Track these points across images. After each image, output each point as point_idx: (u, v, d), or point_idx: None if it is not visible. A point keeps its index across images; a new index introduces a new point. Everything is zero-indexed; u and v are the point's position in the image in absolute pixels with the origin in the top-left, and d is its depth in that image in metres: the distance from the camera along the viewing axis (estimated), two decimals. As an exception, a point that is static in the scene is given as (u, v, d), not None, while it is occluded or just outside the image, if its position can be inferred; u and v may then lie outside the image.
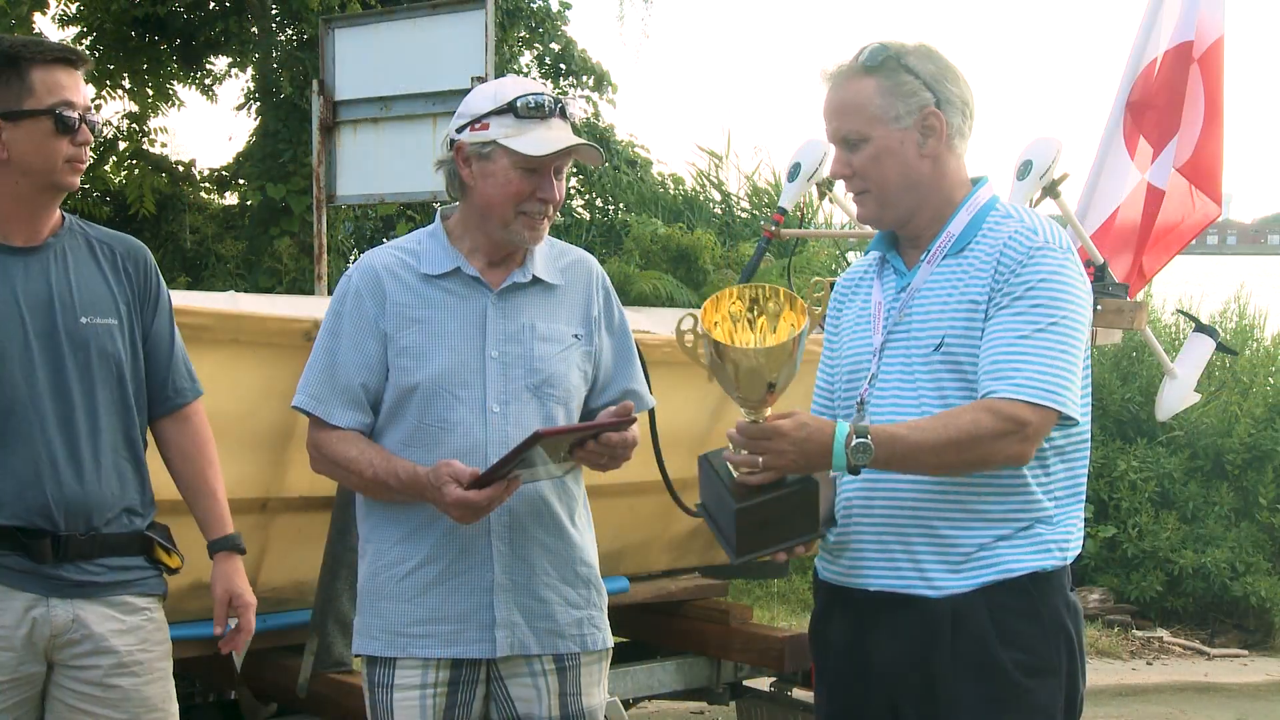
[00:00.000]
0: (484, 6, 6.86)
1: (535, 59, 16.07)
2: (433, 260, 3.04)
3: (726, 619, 5.29)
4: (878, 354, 2.84)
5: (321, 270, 7.91)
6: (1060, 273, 2.72)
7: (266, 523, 4.04)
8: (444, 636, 2.99)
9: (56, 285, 2.98)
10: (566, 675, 3.06)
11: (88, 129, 3.00)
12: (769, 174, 15.41)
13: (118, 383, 3.03)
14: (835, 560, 2.89)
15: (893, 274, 2.90)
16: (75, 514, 2.95)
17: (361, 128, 7.54)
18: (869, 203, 2.86)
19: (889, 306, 2.86)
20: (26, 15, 13.45)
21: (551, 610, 3.03)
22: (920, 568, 2.75)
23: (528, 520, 3.00)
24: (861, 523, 2.83)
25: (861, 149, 2.80)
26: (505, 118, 2.95)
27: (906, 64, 2.79)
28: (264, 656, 4.20)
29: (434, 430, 2.96)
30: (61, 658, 2.98)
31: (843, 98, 2.82)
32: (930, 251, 2.83)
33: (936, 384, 2.75)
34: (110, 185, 14.89)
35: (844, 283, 3.06)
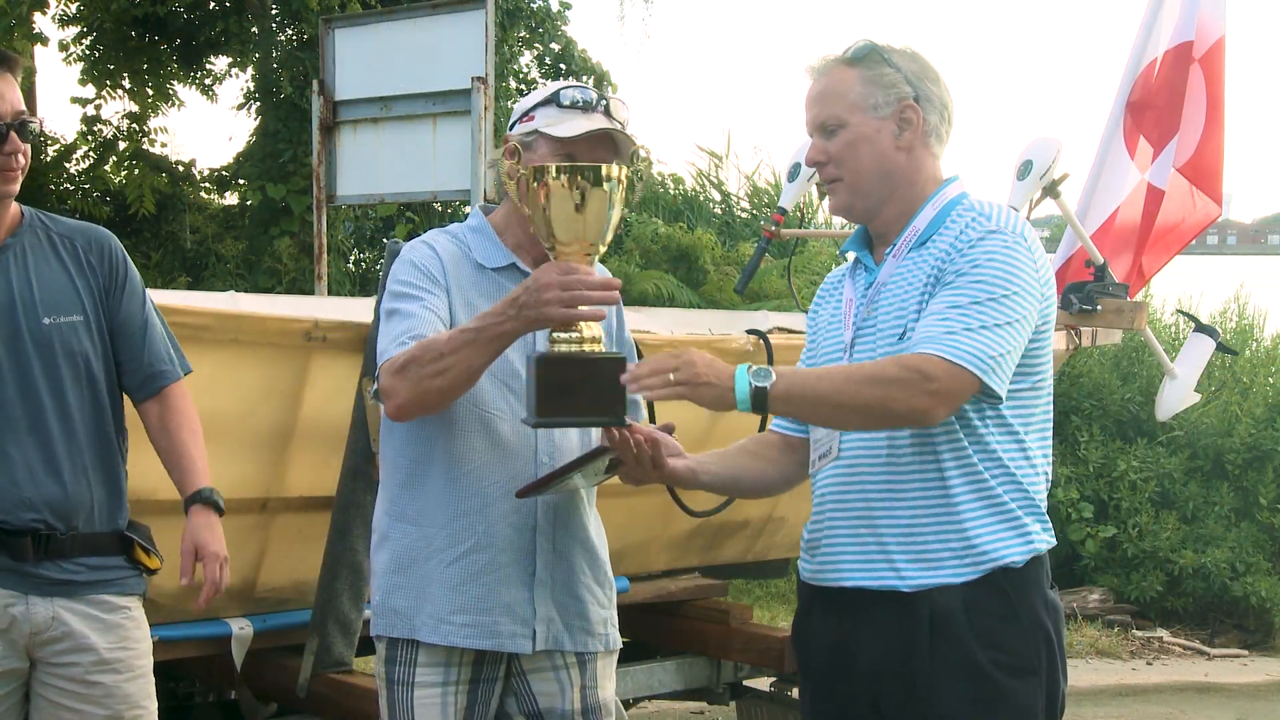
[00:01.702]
0: (484, 6, 6.86)
1: (535, 59, 16.06)
2: (486, 253, 3.06)
3: (726, 619, 5.29)
4: (848, 350, 2.87)
5: (321, 270, 7.90)
6: (1005, 253, 2.73)
7: (266, 523, 4.04)
8: (484, 627, 2.98)
9: (18, 286, 2.97)
10: (586, 668, 3.10)
11: (16, 136, 2.95)
12: (769, 174, 15.43)
13: (88, 381, 3.02)
14: (812, 558, 2.91)
15: (863, 271, 2.93)
16: (55, 513, 2.97)
17: (361, 128, 7.54)
18: (840, 192, 2.88)
19: (859, 303, 2.89)
20: (26, 15, 13.44)
21: (586, 609, 3.07)
22: (892, 562, 2.76)
23: (570, 519, 3.04)
24: (836, 518, 2.84)
25: (838, 135, 2.84)
26: (549, 108, 3.01)
27: (889, 58, 2.85)
28: (264, 656, 4.21)
29: (489, 417, 2.97)
30: (43, 655, 3.00)
31: (824, 86, 2.87)
32: (895, 246, 2.85)
33: None
34: (110, 185, 14.89)
35: (823, 288, 3.10)
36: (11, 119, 2.94)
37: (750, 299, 11.21)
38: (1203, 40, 5.83)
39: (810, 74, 2.91)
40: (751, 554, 5.54)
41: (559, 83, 3.09)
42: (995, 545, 2.76)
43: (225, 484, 3.83)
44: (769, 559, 5.77)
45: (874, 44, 2.87)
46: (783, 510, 5.38)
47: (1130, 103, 5.98)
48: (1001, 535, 2.77)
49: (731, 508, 4.81)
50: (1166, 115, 5.86)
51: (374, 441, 3.76)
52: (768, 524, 5.40)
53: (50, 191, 14.22)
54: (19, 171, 2.98)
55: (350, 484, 3.95)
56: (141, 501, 3.40)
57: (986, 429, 2.76)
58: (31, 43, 14.07)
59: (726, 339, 4.90)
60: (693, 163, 16.66)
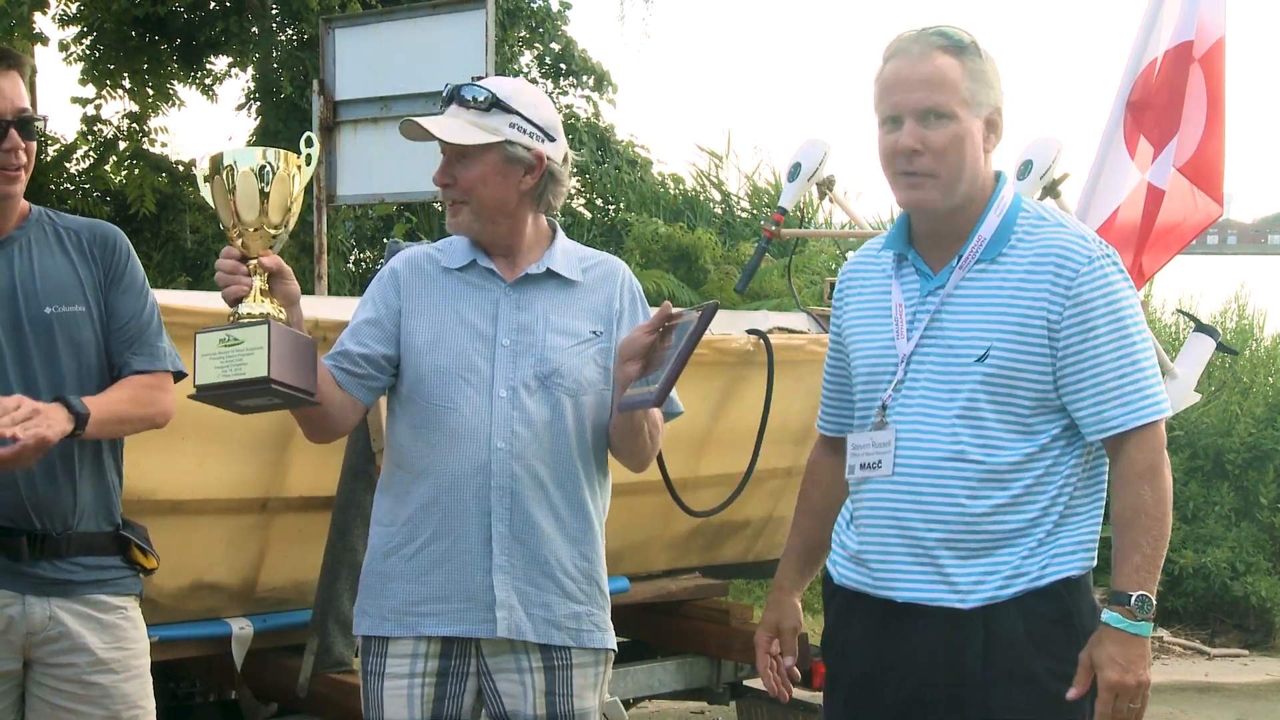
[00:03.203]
0: (484, 6, 6.86)
1: (535, 59, 16.06)
2: (453, 256, 3.13)
3: (727, 619, 5.29)
4: (905, 360, 2.78)
5: (321, 270, 7.90)
6: (1115, 282, 2.74)
7: (266, 523, 4.05)
8: (447, 615, 3.01)
9: (20, 276, 2.99)
10: (555, 674, 3.06)
11: (17, 134, 2.95)
12: (769, 174, 15.43)
13: (87, 372, 3.02)
14: (858, 567, 2.87)
15: (914, 275, 2.83)
16: (50, 512, 2.96)
17: (361, 128, 7.54)
18: (929, 187, 2.72)
19: (915, 310, 2.80)
20: (27, 15, 13.44)
21: (549, 599, 3.05)
22: (949, 578, 2.73)
23: (530, 506, 3.02)
24: (889, 531, 2.79)
25: (944, 127, 2.69)
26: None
27: (983, 53, 2.75)
28: (264, 656, 4.21)
29: (440, 410, 3.01)
30: (39, 655, 2.99)
31: (933, 70, 2.70)
32: (962, 256, 2.77)
33: (972, 396, 2.71)
34: (110, 185, 14.88)
35: (847, 279, 2.99)
36: (12, 116, 2.93)
37: (750, 299, 11.21)
38: (1203, 40, 5.82)
39: (901, 52, 2.74)
40: (752, 554, 5.54)
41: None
42: (1061, 558, 2.75)
43: (225, 484, 3.85)
44: (769, 559, 5.76)
45: (966, 33, 2.74)
46: (783, 510, 5.38)
47: (1130, 102, 5.97)
48: (1068, 548, 2.75)
49: (731, 508, 4.81)
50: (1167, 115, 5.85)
51: (374, 441, 3.77)
52: (768, 524, 5.40)
53: (50, 191, 14.21)
54: (21, 170, 2.98)
55: (350, 484, 3.95)
56: (142, 501, 3.40)
57: (1074, 446, 2.76)
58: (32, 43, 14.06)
59: (726, 339, 4.90)
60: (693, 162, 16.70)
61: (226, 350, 2.70)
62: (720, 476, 4.85)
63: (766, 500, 5.26)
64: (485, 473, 2.99)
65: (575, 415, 3.07)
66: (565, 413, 3.05)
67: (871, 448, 2.81)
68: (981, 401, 2.70)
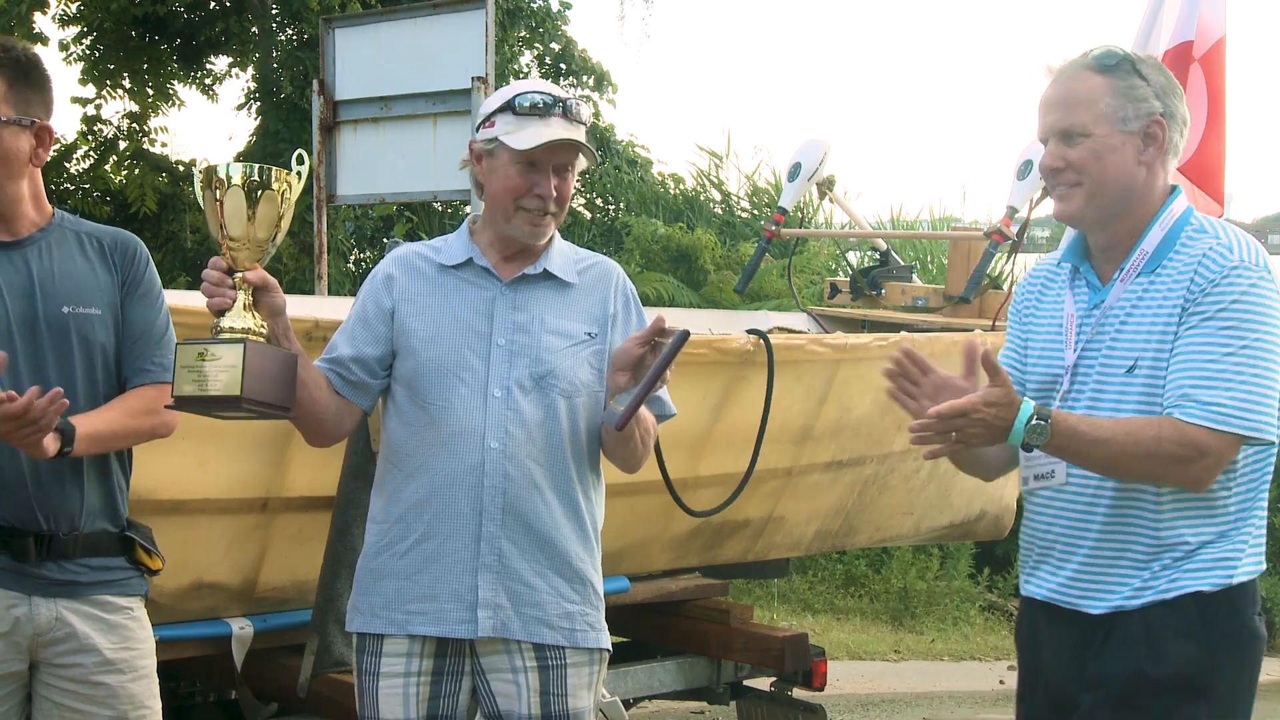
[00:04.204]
0: (484, 6, 6.86)
1: (535, 59, 16.06)
2: (450, 253, 3.14)
3: (727, 619, 5.29)
4: (1070, 371, 2.86)
5: (321, 270, 7.90)
6: (1254, 292, 2.71)
7: (267, 523, 4.04)
8: (434, 614, 3.02)
9: (38, 275, 3.00)
10: (550, 674, 3.06)
11: None
12: (769, 174, 15.44)
13: (99, 374, 3.03)
14: (1033, 575, 2.95)
15: (1085, 287, 2.91)
16: (56, 513, 2.97)
17: (362, 127, 7.54)
18: (1076, 197, 2.83)
19: (1081, 322, 2.87)
20: (26, 14, 13.44)
21: (540, 598, 3.04)
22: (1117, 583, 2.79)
23: (522, 505, 3.02)
24: (1058, 538, 2.88)
25: (1081, 144, 2.79)
26: (506, 115, 3.04)
27: (1140, 69, 2.81)
28: (264, 656, 4.21)
29: (435, 409, 3.02)
30: (46, 656, 3.00)
31: (1070, 91, 2.82)
32: (1124, 269, 2.83)
33: (1122, 407, 2.76)
34: (110, 185, 14.88)
35: (1030, 285, 3.07)
36: None
37: (750, 299, 11.22)
38: (1203, 40, 5.83)
39: (1052, 76, 2.87)
40: (752, 554, 5.54)
41: (520, 84, 3.11)
42: (1198, 573, 2.76)
43: (225, 484, 3.84)
44: (769, 559, 5.77)
45: (1125, 52, 2.83)
46: (782, 510, 5.38)
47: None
48: (1228, 557, 2.77)
49: (731, 508, 4.81)
50: (1167, 115, 5.85)
51: (374, 441, 3.77)
52: (768, 524, 5.40)
53: (50, 191, 14.21)
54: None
55: (351, 483, 3.95)
56: (142, 501, 3.40)
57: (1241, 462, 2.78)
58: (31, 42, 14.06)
59: (726, 339, 4.90)
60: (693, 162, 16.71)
61: (204, 364, 2.75)
62: (720, 476, 4.85)
63: (766, 500, 5.26)
64: (478, 472, 3.00)
65: (569, 416, 3.07)
66: (559, 414, 3.05)
67: (1044, 458, 2.86)
68: (1141, 413, 2.75)
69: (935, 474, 5.92)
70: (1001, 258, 6.52)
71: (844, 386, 5.17)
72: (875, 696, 7.92)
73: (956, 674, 8.61)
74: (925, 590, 9.80)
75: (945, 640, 9.26)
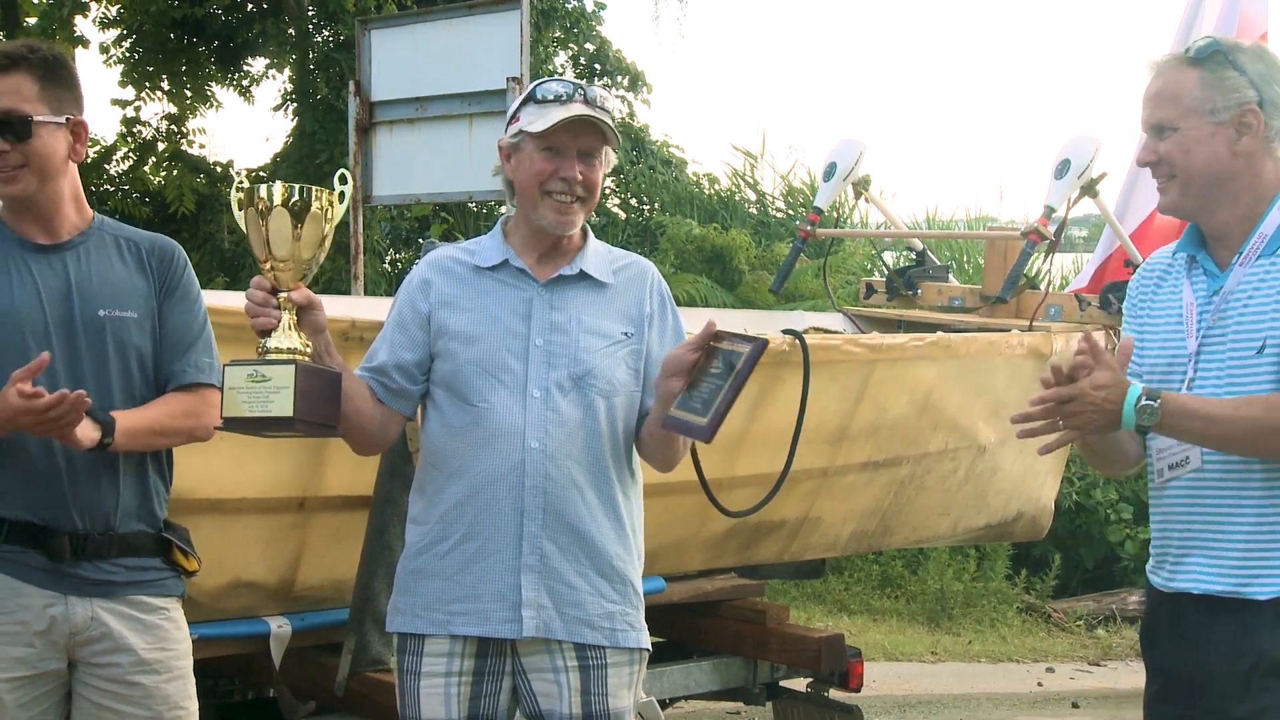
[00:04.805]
0: (519, 7, 6.87)
1: (570, 59, 16.09)
2: (486, 255, 3.14)
3: (763, 619, 5.28)
4: (1193, 359, 2.86)
5: (357, 270, 7.93)
6: None
7: (304, 522, 4.06)
8: (476, 614, 3.02)
9: (76, 279, 3.03)
10: (590, 674, 3.06)
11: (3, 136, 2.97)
12: (804, 174, 15.40)
13: (135, 378, 3.05)
14: (1160, 567, 2.94)
15: (1203, 275, 2.92)
16: (92, 512, 2.99)
17: (397, 128, 7.56)
18: (1172, 190, 2.89)
19: (1201, 309, 2.87)
20: (67, 18, 13.56)
21: (581, 598, 3.05)
22: (1244, 570, 2.78)
23: (563, 505, 3.03)
24: (1189, 526, 2.87)
25: (1169, 137, 2.84)
26: (529, 107, 3.07)
27: (1234, 60, 2.83)
28: (302, 655, 4.23)
29: (475, 410, 3.03)
30: (82, 655, 3.02)
31: (1162, 85, 2.87)
32: (1243, 253, 2.84)
33: (1257, 388, 2.76)
34: (149, 186, 15.00)
35: (1145, 276, 3.08)
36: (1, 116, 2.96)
37: (785, 299, 11.20)
38: (1245, 36, 5.78)
39: (1150, 70, 2.91)
40: (788, 554, 5.53)
41: (548, 81, 3.12)
42: None
43: (263, 483, 3.86)
44: (805, 559, 5.75)
45: (1219, 43, 2.85)
46: (818, 510, 5.37)
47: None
48: None
49: (767, 508, 4.80)
50: (1207, 113, 5.81)
51: (411, 441, 3.78)
52: (804, 524, 5.39)
53: (91, 193, 14.34)
54: (15, 171, 2.99)
55: (387, 483, 3.96)
56: (181, 501, 3.42)
57: None
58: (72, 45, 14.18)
59: (762, 339, 4.87)
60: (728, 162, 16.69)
61: (254, 386, 2.78)
62: (756, 477, 4.84)
63: (802, 500, 5.25)
64: (519, 472, 3.00)
65: (608, 416, 3.08)
66: (598, 413, 3.06)
67: (1177, 446, 2.87)
68: (1276, 392, 2.74)
69: (972, 475, 5.89)
70: (1038, 257, 6.49)
71: (880, 387, 5.15)
72: (912, 698, 7.89)
73: (994, 676, 8.57)
74: (962, 591, 9.76)
75: (982, 642, 9.22)
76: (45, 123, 3.00)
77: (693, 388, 2.93)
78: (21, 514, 2.95)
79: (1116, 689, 8.29)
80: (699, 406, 2.92)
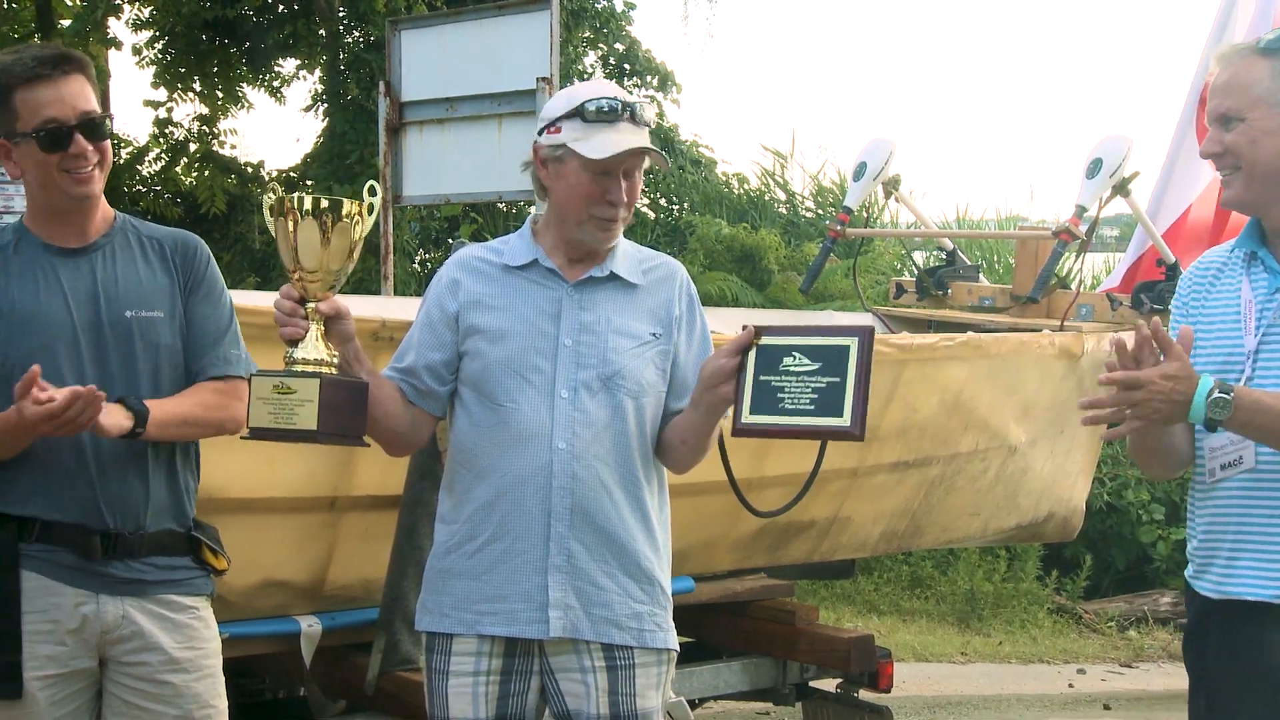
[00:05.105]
0: (549, 7, 6.88)
1: (600, 59, 16.10)
2: (515, 254, 3.13)
3: (792, 619, 5.27)
4: (1252, 356, 2.81)
5: (387, 270, 7.96)
6: None
7: (335, 521, 4.07)
8: (504, 615, 3.03)
9: (102, 281, 3.04)
10: (618, 674, 3.06)
11: (83, 138, 2.98)
12: (834, 173, 15.36)
13: (168, 375, 3.06)
14: (1206, 572, 2.89)
15: (1263, 272, 2.87)
16: (122, 510, 3.00)
17: (427, 129, 7.58)
18: (1234, 183, 2.85)
19: (1261, 306, 2.83)
20: (101, 20, 13.65)
21: (609, 599, 3.05)
22: None
23: (591, 506, 3.03)
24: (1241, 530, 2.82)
25: (1235, 127, 2.80)
26: (574, 121, 3.02)
27: None
28: (332, 654, 4.24)
29: (503, 410, 3.03)
30: (113, 654, 3.03)
31: (1230, 76, 2.82)
32: None
33: None
34: (181, 186, 15.08)
35: (1198, 273, 3.02)
36: (76, 120, 2.98)
37: (815, 299, 11.17)
38: (1278, 34, 5.75)
39: (1218, 63, 2.87)
40: (818, 554, 5.52)
41: (584, 87, 3.09)
42: None
43: (294, 483, 3.88)
44: (835, 559, 5.74)
45: None
46: (848, 511, 5.36)
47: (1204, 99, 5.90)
48: None
49: (797, 508, 4.79)
50: (1240, 111, 5.77)
51: (440, 440, 3.79)
52: (834, 524, 5.38)
53: (124, 193, 14.43)
54: (93, 171, 3.02)
55: (418, 483, 3.97)
56: (211, 500, 3.43)
57: None
58: (106, 47, 14.29)
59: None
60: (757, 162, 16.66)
61: (280, 397, 2.80)
62: (785, 477, 4.83)
63: (832, 501, 5.24)
64: (547, 473, 3.00)
65: (636, 416, 3.08)
66: (626, 414, 3.06)
67: (1230, 446, 2.82)
68: None
69: (1002, 475, 5.87)
70: (1070, 257, 6.45)
71: (910, 387, 5.14)
72: (942, 699, 7.86)
73: (1025, 677, 8.53)
74: (992, 592, 9.72)
75: (1013, 643, 9.18)
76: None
77: (757, 391, 2.91)
78: (52, 513, 2.97)
79: (1148, 691, 8.24)
80: (791, 407, 2.87)
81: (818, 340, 2.88)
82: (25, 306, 2.97)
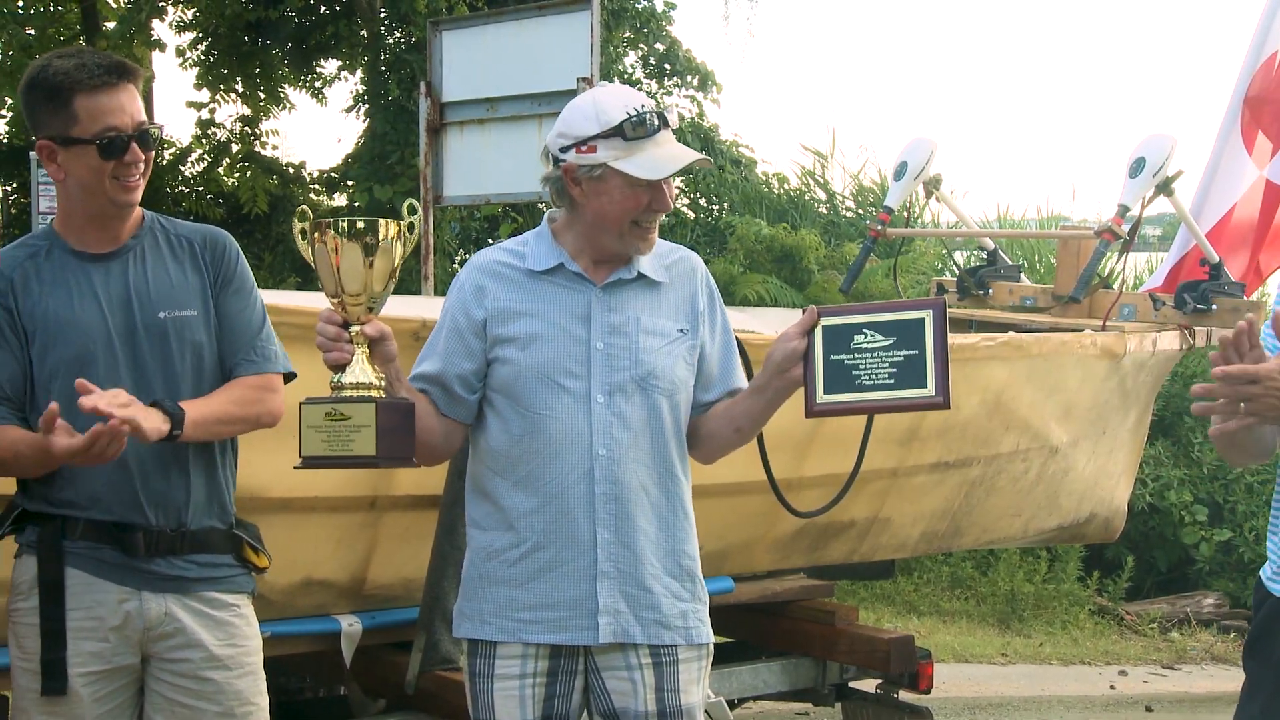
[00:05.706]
0: (590, 7, 6.89)
1: (640, 59, 16.09)
2: (538, 258, 3.09)
3: (832, 620, 5.26)
4: None
5: (428, 270, 7.99)
6: None
7: (375, 521, 4.09)
8: (551, 622, 3.02)
9: (134, 283, 3.06)
10: (664, 670, 3.06)
11: (138, 147, 3.01)
12: (874, 173, 15.30)
13: (202, 375, 3.08)
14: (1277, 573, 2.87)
15: None
16: (164, 507, 3.03)
17: (468, 129, 7.61)
18: None
19: None
20: (145, 22, 13.76)
21: (657, 600, 3.05)
22: None
23: (633, 510, 3.02)
24: None
25: None
26: (613, 140, 2.96)
27: None
28: (373, 653, 4.26)
29: (539, 417, 3.01)
30: (156, 650, 3.05)
31: None
32: None
33: None
34: (223, 187, 15.19)
35: None
36: (132, 129, 3.00)
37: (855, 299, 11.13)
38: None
39: None
40: (857, 555, 5.51)
41: (608, 100, 3.02)
42: None
43: (334, 483, 3.90)
44: (874, 560, 5.72)
45: None
46: (888, 511, 5.34)
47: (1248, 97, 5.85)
48: None
49: (837, 508, 4.78)
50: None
51: (477, 441, 3.80)
52: (873, 525, 5.36)
53: (166, 194, 14.56)
54: (139, 179, 3.05)
55: (457, 483, 3.98)
56: (253, 499, 3.46)
57: None
58: (150, 49, 14.42)
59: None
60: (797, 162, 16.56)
61: (333, 424, 2.78)
62: (825, 477, 4.82)
63: (872, 501, 5.22)
64: (589, 480, 2.99)
65: (671, 415, 3.07)
66: (662, 413, 3.05)
67: None
68: None
69: (1044, 475, 5.84)
70: (1112, 257, 6.40)
71: (951, 387, 5.11)
72: (982, 700, 7.83)
73: (1066, 678, 8.48)
74: (1033, 593, 9.67)
75: (1054, 644, 9.13)
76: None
77: (830, 370, 2.91)
78: (95, 511, 2.99)
79: (1191, 693, 8.17)
80: (869, 383, 2.89)
81: (888, 316, 2.88)
82: (61, 315, 2.99)
